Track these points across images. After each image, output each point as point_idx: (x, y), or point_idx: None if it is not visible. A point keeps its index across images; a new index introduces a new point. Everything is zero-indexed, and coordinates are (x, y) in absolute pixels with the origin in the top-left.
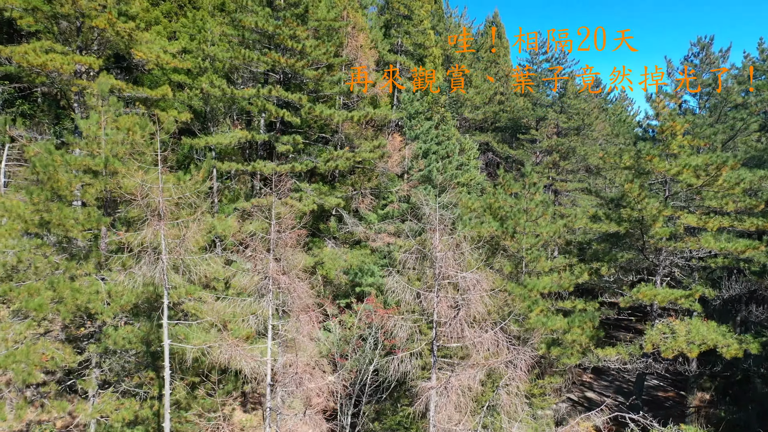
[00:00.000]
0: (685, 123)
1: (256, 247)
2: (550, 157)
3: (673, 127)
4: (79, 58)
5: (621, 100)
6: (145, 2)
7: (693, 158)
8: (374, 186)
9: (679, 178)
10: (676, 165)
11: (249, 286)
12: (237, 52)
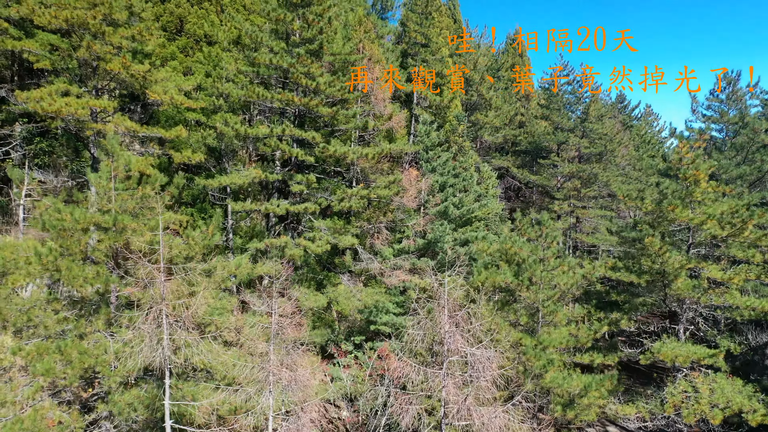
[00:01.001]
0: (709, 169)
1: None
2: (571, 183)
3: (696, 175)
4: (94, 102)
5: (646, 116)
6: (161, 38)
7: (718, 205)
8: (390, 220)
9: (703, 227)
10: (700, 213)
11: (250, 377)
12: (251, 91)
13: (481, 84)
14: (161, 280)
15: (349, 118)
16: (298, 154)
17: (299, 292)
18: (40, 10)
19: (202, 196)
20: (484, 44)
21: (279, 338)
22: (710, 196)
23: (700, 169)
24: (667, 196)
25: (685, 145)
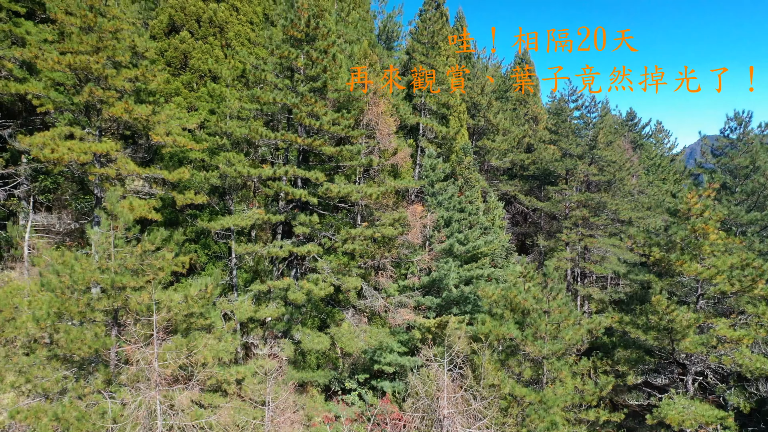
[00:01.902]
0: (718, 220)
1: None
2: (580, 212)
3: (705, 229)
4: (96, 147)
5: (656, 133)
6: (165, 74)
7: (727, 258)
8: (394, 255)
9: (712, 281)
10: (709, 266)
11: None
12: (253, 131)
13: (489, 109)
14: (155, 366)
15: (353, 155)
16: (301, 195)
17: (301, 333)
18: (44, 55)
19: (206, 232)
20: (492, 65)
21: None
22: (719, 247)
23: (708, 224)
24: (675, 244)
25: (693, 196)
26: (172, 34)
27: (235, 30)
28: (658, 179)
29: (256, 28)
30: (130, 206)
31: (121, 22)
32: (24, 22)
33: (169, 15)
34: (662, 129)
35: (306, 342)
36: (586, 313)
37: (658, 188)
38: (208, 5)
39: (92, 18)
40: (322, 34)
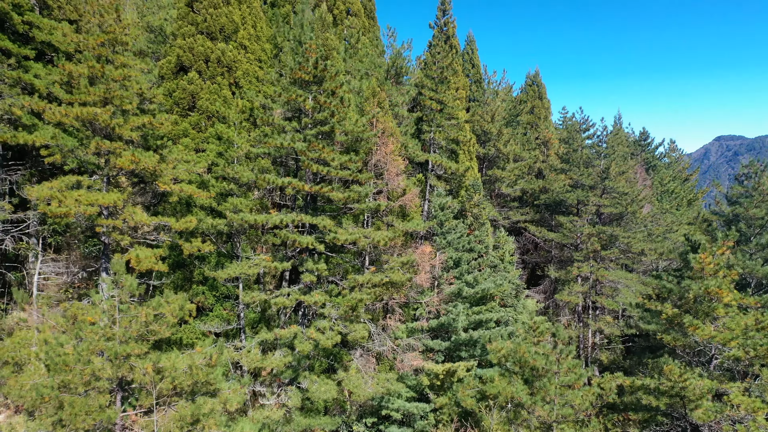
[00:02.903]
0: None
1: None
2: (591, 245)
3: (719, 293)
4: (103, 199)
5: (670, 152)
6: (173, 116)
7: (741, 319)
8: (403, 297)
9: (726, 346)
10: (722, 331)
11: None
12: (261, 179)
13: (499, 138)
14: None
15: (362, 197)
16: (309, 242)
17: (308, 381)
18: (51, 106)
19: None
20: (502, 89)
21: None
22: (733, 309)
23: (723, 288)
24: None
25: (708, 255)
26: (181, 73)
27: (243, 69)
28: (672, 206)
29: (264, 65)
30: (136, 259)
31: (130, 69)
32: (33, 65)
33: (177, 55)
34: (676, 148)
35: (313, 390)
36: (597, 348)
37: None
38: (216, 45)
39: (99, 68)
40: (330, 75)
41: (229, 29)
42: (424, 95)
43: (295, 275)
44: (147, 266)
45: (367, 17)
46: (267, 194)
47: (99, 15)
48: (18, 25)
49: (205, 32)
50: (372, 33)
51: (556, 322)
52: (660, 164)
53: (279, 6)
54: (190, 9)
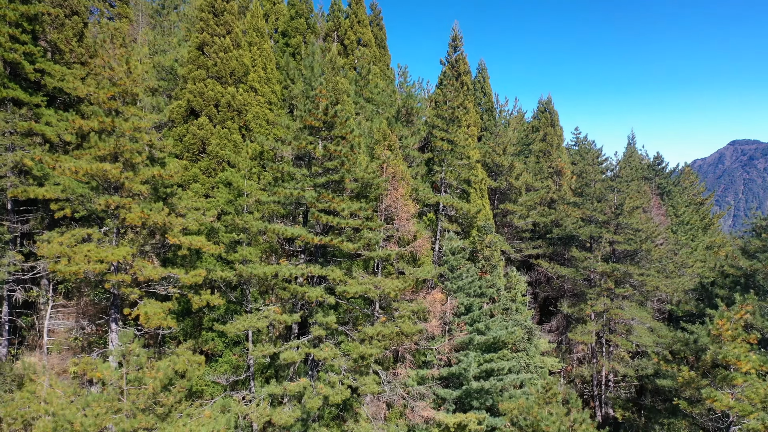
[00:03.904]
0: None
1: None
2: (605, 283)
3: (737, 365)
4: (112, 256)
5: (684, 176)
6: (183, 161)
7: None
8: (413, 345)
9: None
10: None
11: None
12: (270, 230)
13: (511, 172)
14: None
15: (372, 245)
16: (318, 296)
17: None
18: (62, 162)
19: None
20: (513, 117)
21: None
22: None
23: (741, 359)
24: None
25: (725, 322)
26: (191, 118)
27: (253, 112)
28: (687, 238)
29: (275, 107)
30: (145, 316)
31: (140, 120)
32: (45, 111)
33: (188, 100)
34: (691, 171)
35: None
36: (611, 385)
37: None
38: (226, 89)
39: (109, 123)
40: (341, 121)
41: (240, 72)
42: (435, 136)
43: (304, 325)
44: (156, 323)
45: (377, 46)
46: (277, 239)
47: (109, 68)
48: (30, 74)
49: (215, 76)
50: (383, 62)
51: (568, 359)
52: (674, 189)
53: (290, 36)
54: (201, 52)
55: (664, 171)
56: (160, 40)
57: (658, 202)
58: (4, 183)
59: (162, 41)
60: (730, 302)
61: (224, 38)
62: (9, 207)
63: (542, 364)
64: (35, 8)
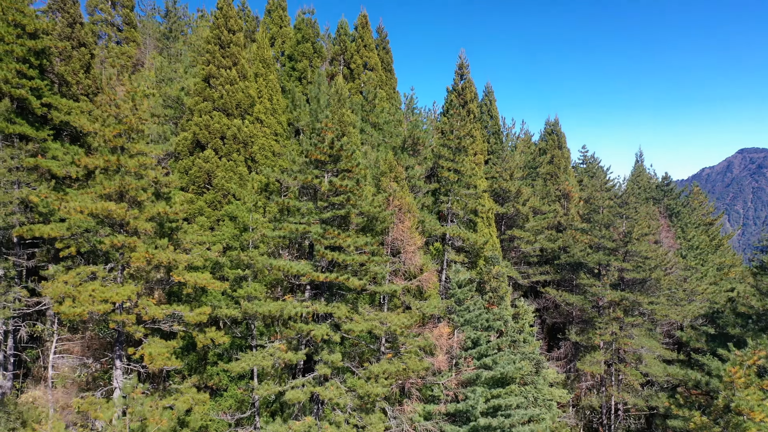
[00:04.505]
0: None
1: None
2: (613, 313)
3: (750, 415)
4: (117, 295)
5: (693, 196)
6: (189, 194)
7: None
8: (420, 381)
9: None
10: None
11: None
12: (275, 268)
13: (518, 198)
14: None
15: (378, 280)
16: (323, 334)
17: None
18: (67, 201)
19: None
20: (521, 140)
21: None
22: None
23: (755, 410)
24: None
25: (738, 369)
26: (197, 150)
27: (259, 143)
28: (698, 263)
29: (281, 138)
30: (150, 356)
31: (146, 157)
32: (51, 145)
33: (194, 133)
34: (700, 191)
35: None
36: (620, 414)
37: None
38: (232, 121)
39: (115, 161)
40: (347, 155)
41: (246, 104)
42: (442, 166)
43: (310, 359)
44: (160, 364)
45: (384, 70)
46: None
47: (115, 106)
48: (36, 109)
49: (221, 109)
50: (389, 85)
51: (576, 387)
52: (683, 210)
53: (296, 60)
54: (207, 84)
55: (673, 192)
56: (167, 68)
57: (666, 224)
58: (10, 220)
59: (169, 69)
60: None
61: (230, 70)
62: (15, 241)
63: (550, 396)
64: (43, 43)
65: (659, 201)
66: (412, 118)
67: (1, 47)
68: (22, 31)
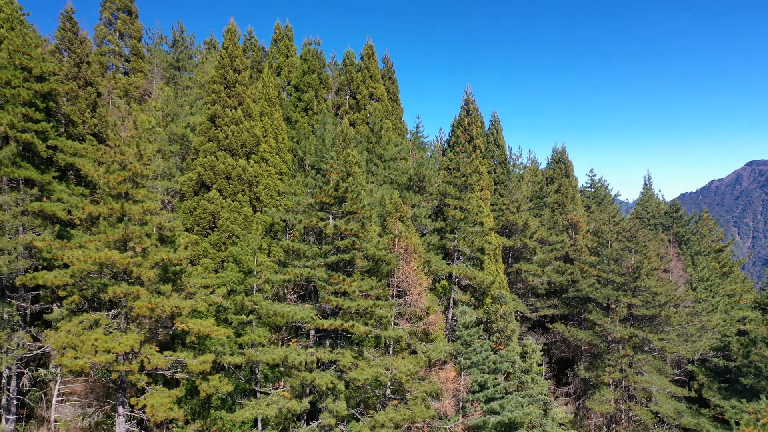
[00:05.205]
0: None
1: None
2: (623, 351)
3: None
4: (120, 346)
5: (703, 222)
6: (194, 235)
7: None
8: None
9: None
10: None
11: None
12: (279, 314)
13: (525, 231)
14: None
15: (384, 324)
16: (328, 382)
17: None
18: (70, 250)
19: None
20: (527, 170)
21: None
22: None
23: None
24: None
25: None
26: (202, 190)
27: (264, 183)
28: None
29: (286, 177)
30: (151, 408)
31: (151, 202)
32: (56, 186)
33: (198, 173)
34: (709, 218)
35: None
36: None
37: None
38: (237, 161)
39: (119, 209)
40: (352, 196)
41: (251, 144)
42: (448, 204)
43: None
44: (162, 416)
45: (390, 100)
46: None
47: (120, 153)
48: (42, 152)
49: (226, 149)
50: (395, 115)
51: (586, 425)
52: (693, 238)
53: (302, 91)
54: (212, 124)
55: (682, 219)
56: (173, 103)
57: (676, 253)
58: (14, 266)
59: (175, 104)
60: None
61: (235, 110)
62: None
63: None
64: (49, 85)
65: (668, 228)
66: (418, 156)
67: (7, 91)
68: (29, 74)
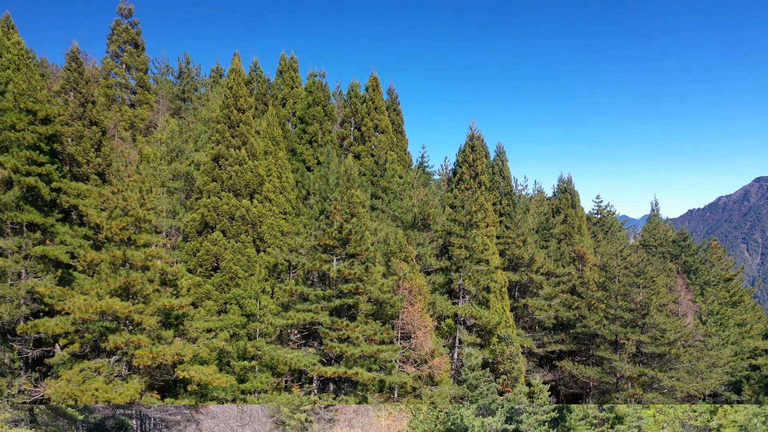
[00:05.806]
0: None
1: None
2: (632, 389)
3: None
4: (120, 397)
5: (712, 250)
6: (196, 277)
7: None
8: None
9: None
10: None
11: None
12: (282, 362)
13: (531, 266)
14: None
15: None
16: None
17: None
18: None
19: None
20: (533, 201)
21: None
22: None
23: None
24: None
25: None
26: (206, 230)
27: (267, 223)
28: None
29: (289, 217)
30: None
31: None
32: (60, 228)
33: (202, 214)
34: (718, 245)
35: None
36: None
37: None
38: (241, 201)
39: (120, 256)
40: (356, 239)
41: (254, 184)
42: (453, 243)
43: None
44: None
45: (395, 132)
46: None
47: (123, 198)
48: (46, 195)
49: (230, 189)
50: (400, 147)
51: None
52: (702, 267)
53: (307, 123)
54: (216, 164)
55: (690, 247)
56: (178, 140)
57: (684, 283)
58: (16, 313)
59: (179, 140)
60: None
61: (239, 150)
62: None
63: None
64: (54, 128)
65: (677, 257)
66: (423, 193)
67: (12, 134)
68: (33, 117)
